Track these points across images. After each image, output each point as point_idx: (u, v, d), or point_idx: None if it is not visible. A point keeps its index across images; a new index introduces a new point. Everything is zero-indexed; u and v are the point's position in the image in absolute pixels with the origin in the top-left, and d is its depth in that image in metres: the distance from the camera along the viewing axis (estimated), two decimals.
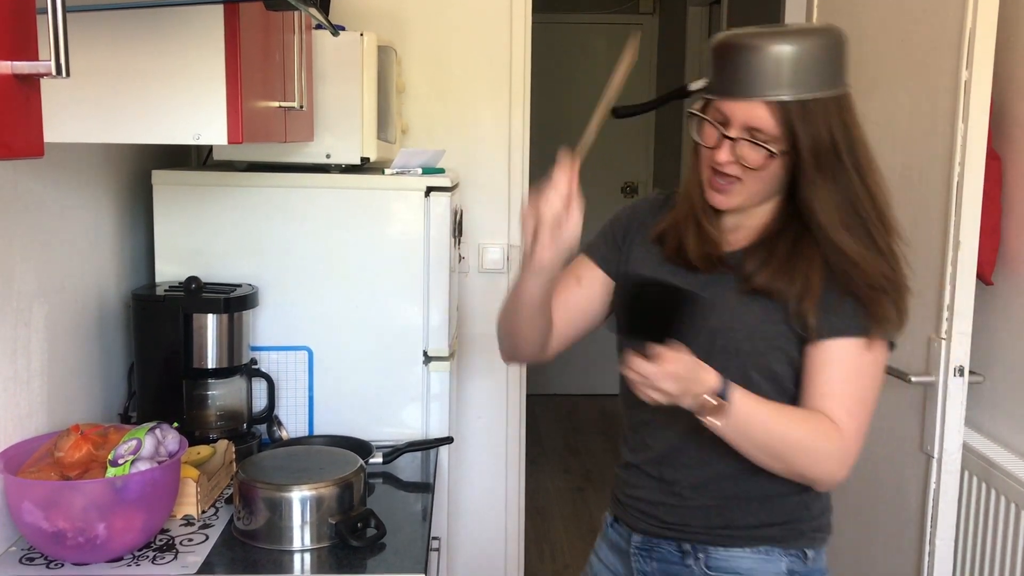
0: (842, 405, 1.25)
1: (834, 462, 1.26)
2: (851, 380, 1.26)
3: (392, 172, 2.06)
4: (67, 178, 1.77)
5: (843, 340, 1.27)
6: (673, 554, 1.38)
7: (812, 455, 1.25)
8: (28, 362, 1.59)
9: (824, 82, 1.26)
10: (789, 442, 1.25)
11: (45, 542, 1.42)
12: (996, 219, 1.99)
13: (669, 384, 1.18)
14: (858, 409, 1.26)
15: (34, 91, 0.67)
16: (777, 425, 1.25)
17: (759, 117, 1.25)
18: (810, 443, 1.25)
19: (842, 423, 1.25)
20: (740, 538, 1.35)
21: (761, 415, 1.24)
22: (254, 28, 1.41)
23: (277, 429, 2.01)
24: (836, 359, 1.27)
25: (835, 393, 1.26)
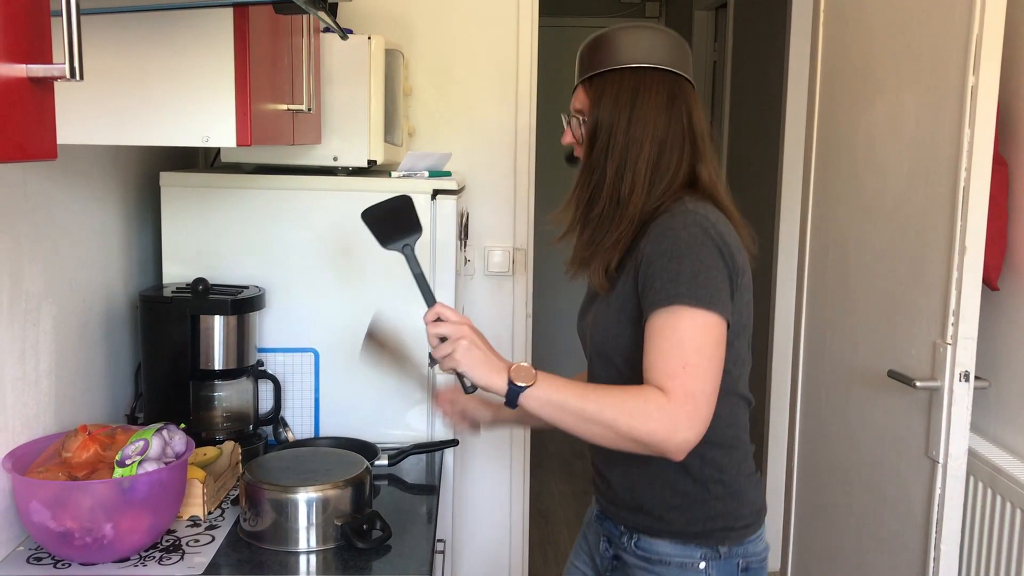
0: (663, 372, 1.30)
1: (658, 422, 1.28)
2: (667, 348, 1.31)
3: (399, 175, 2.07)
4: (76, 179, 1.77)
5: (655, 312, 1.33)
6: (615, 532, 1.55)
7: (633, 417, 1.29)
8: (36, 362, 1.60)
9: (621, 60, 1.44)
10: (602, 407, 1.30)
11: (52, 542, 1.42)
12: (1002, 225, 1.99)
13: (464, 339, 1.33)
14: (680, 371, 1.29)
15: (48, 94, 0.67)
16: (585, 395, 1.32)
17: (579, 98, 1.48)
18: (622, 407, 1.29)
19: (665, 387, 1.29)
20: (656, 530, 1.47)
21: (571, 386, 1.33)
22: (263, 31, 1.42)
23: (283, 431, 2.01)
24: (650, 333, 1.34)
25: (655, 364, 1.31)
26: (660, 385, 1.30)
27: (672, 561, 1.46)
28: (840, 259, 2.43)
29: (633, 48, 1.45)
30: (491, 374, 1.32)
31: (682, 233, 1.34)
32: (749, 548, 1.49)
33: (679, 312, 1.31)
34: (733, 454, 1.47)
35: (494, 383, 1.32)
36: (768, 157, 3.50)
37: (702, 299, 1.31)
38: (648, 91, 1.43)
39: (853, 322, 2.33)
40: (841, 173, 2.44)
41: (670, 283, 1.32)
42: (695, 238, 1.34)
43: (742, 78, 4.01)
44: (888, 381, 2.07)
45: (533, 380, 1.31)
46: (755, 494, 1.52)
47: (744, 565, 1.48)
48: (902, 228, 2.09)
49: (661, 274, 1.33)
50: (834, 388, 2.45)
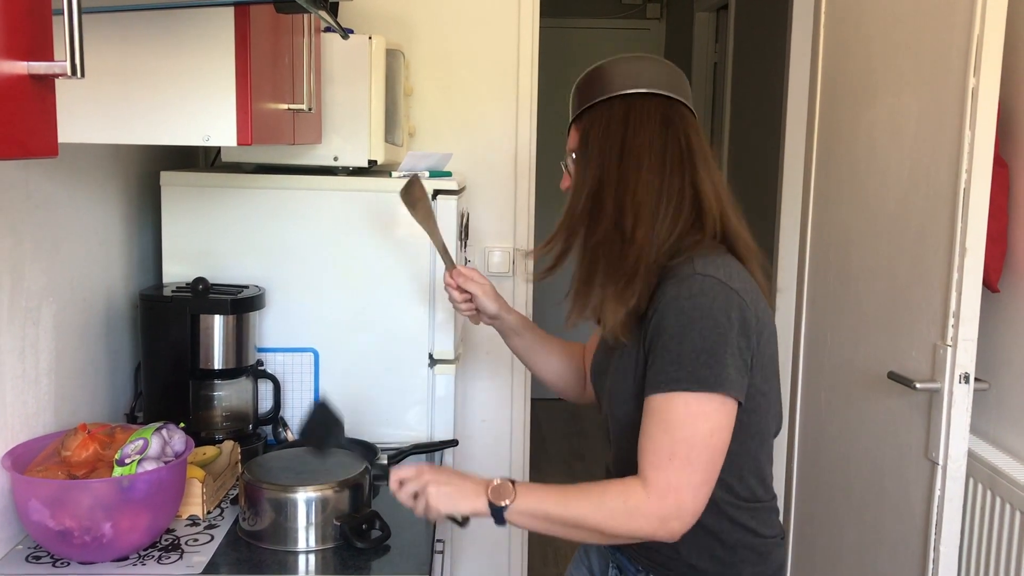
0: (649, 462, 1.26)
1: (644, 520, 1.25)
2: (657, 437, 1.26)
3: (399, 175, 2.07)
4: (77, 178, 1.77)
5: (651, 396, 1.28)
6: (628, 566, 1.47)
7: (616, 520, 1.26)
8: (36, 361, 1.60)
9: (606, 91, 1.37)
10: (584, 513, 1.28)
11: (51, 541, 1.42)
12: (1003, 226, 1.99)
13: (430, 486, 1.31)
14: (666, 463, 1.25)
15: (49, 91, 0.67)
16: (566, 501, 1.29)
17: (572, 139, 1.42)
18: (609, 510, 1.27)
19: (648, 479, 1.26)
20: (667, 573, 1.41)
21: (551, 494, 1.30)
22: (264, 30, 1.42)
23: (283, 430, 2.01)
24: (645, 414, 1.29)
25: (644, 450, 1.28)
26: (644, 475, 1.26)
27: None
28: (840, 260, 2.43)
29: (622, 76, 1.37)
30: (470, 504, 1.31)
31: (686, 304, 1.26)
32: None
33: (675, 399, 1.25)
34: (760, 515, 1.41)
35: (477, 509, 1.30)
36: (769, 158, 3.50)
37: (703, 381, 1.24)
38: (639, 115, 1.35)
39: (853, 323, 2.33)
40: (842, 174, 2.44)
41: (670, 365, 1.26)
42: (702, 309, 1.26)
43: (743, 79, 4.01)
44: (888, 382, 2.07)
45: (512, 495, 1.28)
46: (781, 556, 1.46)
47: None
48: (902, 229, 2.09)
49: (663, 354, 1.27)
50: (834, 389, 2.45)
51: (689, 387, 1.24)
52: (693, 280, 1.28)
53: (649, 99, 1.36)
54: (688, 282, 1.28)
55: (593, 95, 1.39)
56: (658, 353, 1.27)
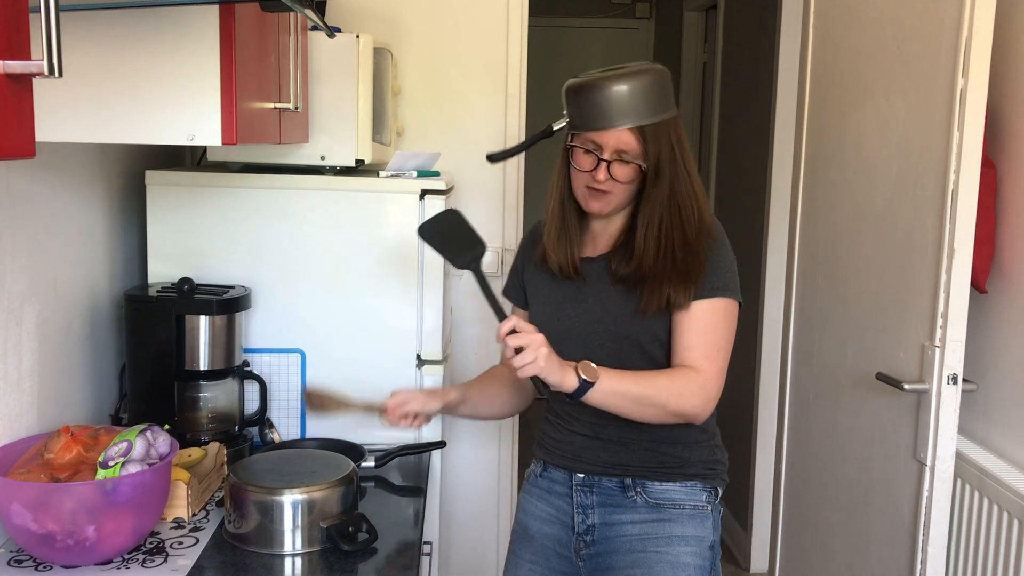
0: (702, 354, 1.55)
1: (698, 398, 1.55)
2: (705, 333, 1.55)
3: (387, 174, 2.06)
4: (60, 178, 1.76)
5: (697, 302, 1.55)
6: (614, 489, 1.63)
7: (682, 396, 1.53)
8: (19, 362, 1.58)
9: (661, 108, 1.56)
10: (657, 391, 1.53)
11: (34, 544, 1.41)
12: (990, 227, 1.99)
13: (544, 347, 1.44)
14: (713, 353, 1.56)
15: (26, 91, 0.66)
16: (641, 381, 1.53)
17: (626, 141, 1.55)
18: (674, 389, 1.53)
19: (701, 367, 1.55)
20: (672, 474, 1.62)
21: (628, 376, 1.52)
22: (249, 29, 1.40)
23: (269, 432, 2.00)
24: (691, 318, 1.56)
25: (694, 345, 1.56)
26: (697, 365, 1.54)
27: (684, 505, 1.62)
28: (829, 261, 2.43)
29: (664, 97, 1.57)
30: (566, 376, 1.46)
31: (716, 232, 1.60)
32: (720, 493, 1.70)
33: (718, 303, 1.56)
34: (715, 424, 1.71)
35: (568, 382, 1.47)
36: (758, 159, 3.50)
37: (734, 291, 1.58)
38: (683, 134, 1.61)
39: (841, 324, 2.33)
40: (830, 175, 2.44)
41: (710, 277, 1.56)
42: (724, 238, 1.60)
43: (732, 80, 4.01)
44: (876, 383, 2.07)
45: (598, 376, 1.48)
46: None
47: (719, 511, 1.68)
48: (891, 230, 2.09)
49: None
50: (822, 390, 2.45)
51: (727, 294, 1.57)
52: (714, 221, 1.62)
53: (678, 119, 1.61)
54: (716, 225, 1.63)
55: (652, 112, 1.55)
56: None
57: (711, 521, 1.64)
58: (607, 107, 1.54)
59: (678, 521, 1.61)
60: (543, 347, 1.44)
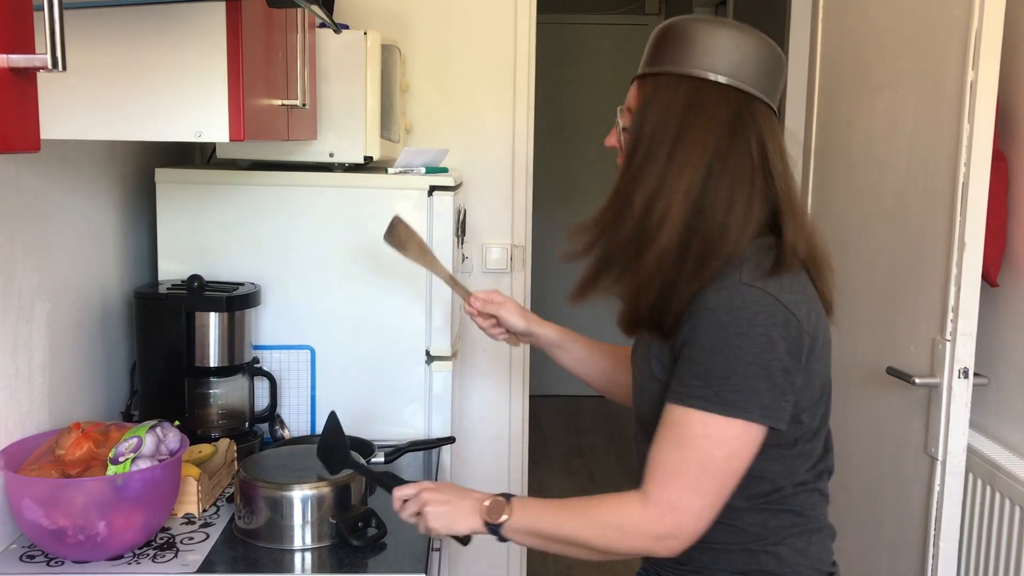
0: (654, 477, 1.19)
1: (638, 537, 1.19)
2: (667, 452, 1.18)
3: (395, 171, 2.06)
4: (70, 175, 1.77)
5: (670, 405, 1.19)
6: None
7: (607, 537, 1.21)
8: (30, 359, 1.59)
9: (682, 63, 1.20)
10: (577, 529, 1.23)
11: (45, 540, 1.42)
12: (1002, 220, 1.98)
13: (428, 505, 1.30)
14: (670, 481, 1.17)
15: (30, 85, 0.66)
16: (559, 518, 1.25)
17: (631, 96, 1.26)
18: (599, 526, 1.22)
19: (649, 494, 1.19)
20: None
21: (545, 510, 1.26)
22: (256, 25, 1.41)
23: (279, 428, 2.00)
24: (663, 421, 1.20)
25: (651, 463, 1.20)
26: (646, 489, 1.19)
27: None
28: (839, 255, 2.41)
29: (701, 51, 1.19)
30: (468, 523, 1.29)
31: (724, 317, 1.14)
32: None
33: (694, 416, 1.15)
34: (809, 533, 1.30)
35: (474, 528, 1.29)
36: None
37: (729, 405, 1.14)
38: (703, 108, 1.18)
39: (852, 319, 2.32)
40: (840, 169, 2.43)
41: (696, 379, 1.15)
42: (740, 325, 1.13)
43: None
44: (887, 378, 2.06)
45: (508, 512, 1.25)
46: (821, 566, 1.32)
47: None
48: (901, 224, 2.08)
49: (691, 365, 1.16)
50: (833, 385, 2.43)
51: (711, 408, 1.14)
52: (736, 289, 1.15)
53: (723, 90, 1.19)
54: (730, 291, 1.15)
55: (665, 59, 1.21)
56: (686, 362, 1.17)
57: None
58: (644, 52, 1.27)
59: None
60: (426, 505, 1.31)
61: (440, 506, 1.31)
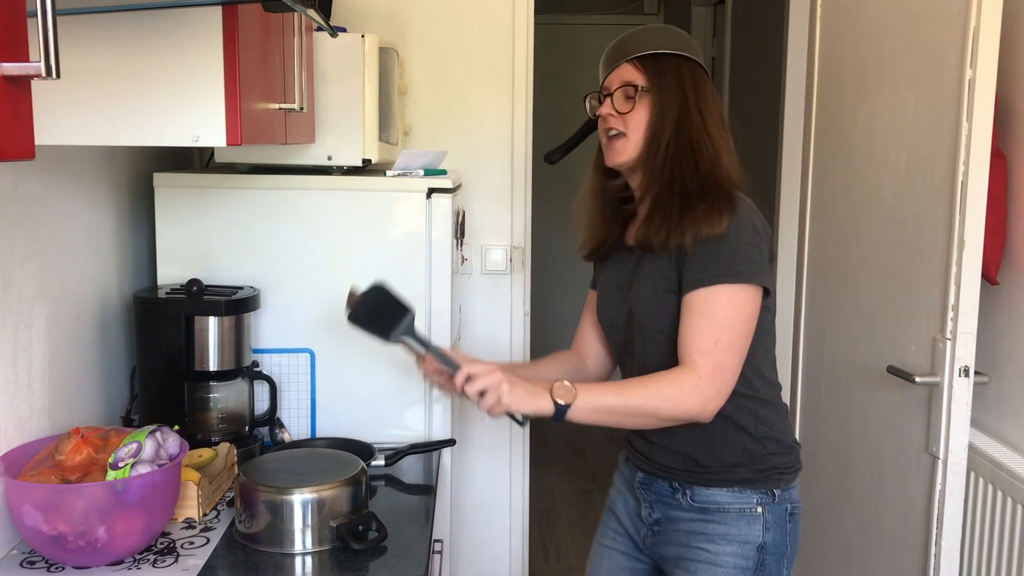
0: (696, 347, 1.47)
1: (692, 400, 1.47)
2: (702, 325, 1.47)
3: (394, 174, 2.06)
4: (68, 180, 1.76)
5: (693, 292, 1.48)
6: (666, 489, 1.63)
7: (671, 401, 1.47)
8: (29, 365, 1.59)
9: (672, 46, 1.58)
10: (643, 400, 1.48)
11: (45, 545, 1.41)
12: (1001, 218, 1.97)
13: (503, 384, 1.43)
14: (711, 347, 1.46)
15: (24, 93, 0.66)
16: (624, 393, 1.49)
17: (629, 74, 1.58)
18: (661, 395, 1.47)
19: (696, 363, 1.46)
20: (715, 480, 1.58)
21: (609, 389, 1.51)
22: (253, 30, 1.41)
23: (279, 432, 2.00)
24: (688, 309, 1.49)
25: (690, 339, 1.48)
26: (692, 360, 1.47)
27: (731, 509, 1.57)
28: (839, 254, 2.42)
29: (676, 40, 1.60)
30: (537, 403, 1.44)
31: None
32: (793, 494, 1.62)
33: (717, 292, 1.46)
34: (778, 410, 1.63)
35: (542, 409, 1.44)
36: (767, 152, 3.49)
37: (740, 274, 1.47)
38: (704, 79, 1.60)
39: (852, 317, 2.31)
40: (840, 168, 2.43)
41: (710, 263, 1.47)
42: (737, 216, 1.49)
43: (740, 73, 4.00)
44: (887, 377, 2.06)
45: (575, 395, 1.44)
46: (795, 441, 1.67)
47: (790, 511, 1.61)
48: (900, 223, 2.07)
49: (702, 255, 1.47)
50: (833, 384, 2.44)
51: (729, 279, 1.46)
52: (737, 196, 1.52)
53: (698, 67, 1.61)
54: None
55: (662, 46, 1.57)
56: (698, 256, 1.48)
57: (761, 523, 1.58)
58: (614, 52, 1.61)
59: (723, 522, 1.58)
60: (503, 384, 1.43)
61: (514, 387, 1.44)
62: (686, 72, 1.58)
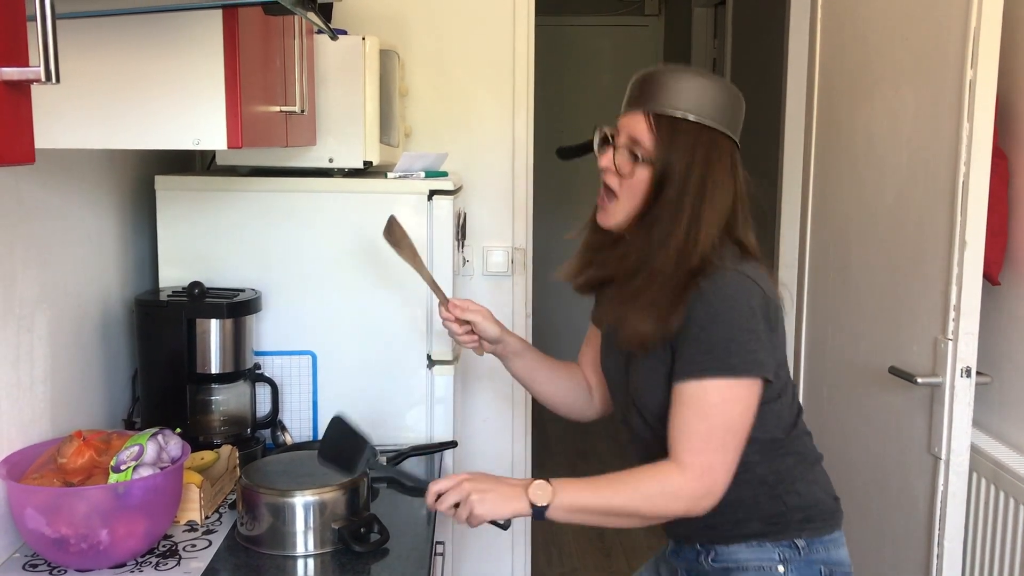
0: (685, 447, 1.36)
1: (680, 502, 1.36)
2: (693, 420, 1.36)
3: (395, 176, 2.06)
4: (70, 184, 1.77)
5: (684, 383, 1.36)
6: (691, 554, 1.54)
7: (654, 503, 1.37)
8: (31, 368, 1.59)
9: (701, 113, 1.39)
10: (624, 501, 1.38)
11: (48, 548, 1.42)
12: (1003, 218, 1.97)
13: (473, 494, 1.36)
14: (702, 446, 1.35)
15: (24, 98, 0.66)
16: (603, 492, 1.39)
17: (640, 130, 1.40)
18: (647, 496, 1.37)
19: (684, 462, 1.35)
20: (731, 537, 1.47)
21: (588, 487, 1.39)
22: (253, 33, 1.41)
23: (281, 434, 2.00)
24: (678, 402, 1.37)
25: (679, 436, 1.37)
26: (680, 459, 1.36)
27: (749, 566, 1.46)
28: (840, 255, 2.41)
29: (711, 104, 1.41)
30: (513, 507, 1.36)
31: (713, 296, 1.35)
32: (832, 553, 1.49)
33: (708, 386, 1.34)
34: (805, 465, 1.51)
35: (519, 512, 1.36)
36: (768, 153, 3.49)
37: (735, 368, 1.34)
38: (720, 156, 1.41)
39: (854, 318, 2.31)
40: (841, 168, 2.42)
41: (702, 354, 1.34)
42: (728, 300, 1.35)
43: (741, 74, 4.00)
44: (889, 377, 2.06)
45: (551, 495, 1.35)
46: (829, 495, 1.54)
47: (825, 572, 1.47)
48: (902, 223, 2.07)
49: (694, 343, 1.35)
50: (835, 385, 2.44)
51: (722, 373, 1.34)
52: (719, 275, 1.36)
53: (725, 139, 1.42)
54: (714, 276, 1.36)
55: (680, 106, 1.39)
56: (689, 343, 1.35)
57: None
58: (637, 87, 1.43)
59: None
60: (472, 495, 1.36)
61: (486, 494, 1.37)
62: (702, 146, 1.39)
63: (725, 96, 1.42)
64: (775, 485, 1.46)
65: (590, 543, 3.79)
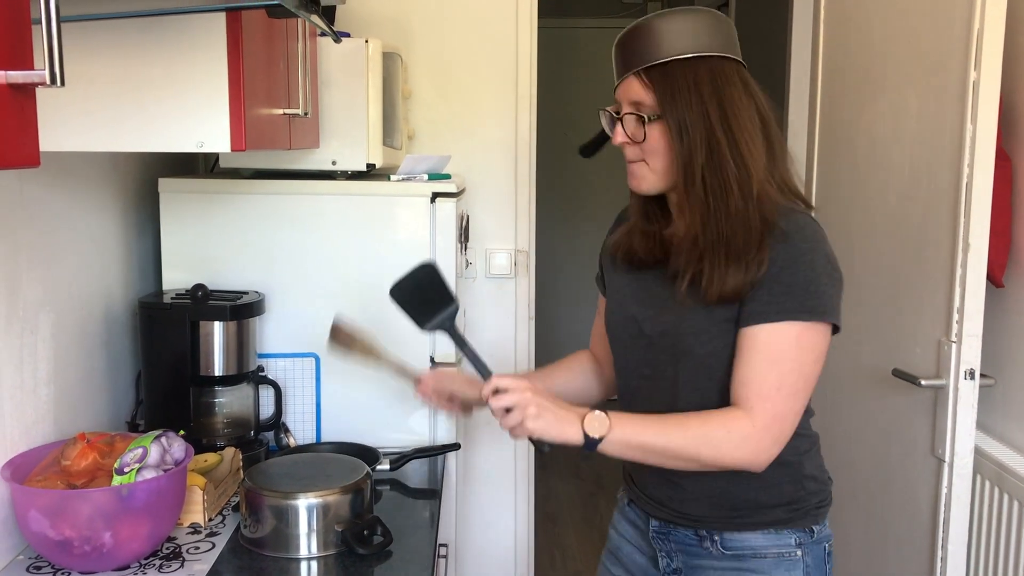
0: (756, 392, 1.29)
1: (742, 450, 1.29)
2: (765, 366, 1.29)
3: (398, 178, 2.06)
4: (73, 186, 1.77)
5: (756, 326, 1.29)
6: (690, 538, 1.45)
7: (719, 449, 1.30)
8: (35, 370, 1.59)
9: (687, 48, 1.31)
10: (685, 441, 1.30)
11: (51, 551, 1.42)
12: (1006, 221, 1.97)
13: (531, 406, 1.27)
14: (773, 393, 1.28)
15: (29, 100, 0.67)
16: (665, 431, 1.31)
17: (635, 90, 1.34)
18: (711, 440, 1.29)
19: (754, 409, 1.29)
20: (748, 523, 1.41)
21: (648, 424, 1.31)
22: (257, 36, 1.41)
23: (284, 436, 2.01)
24: (750, 346, 1.30)
25: (749, 381, 1.30)
26: (750, 405, 1.29)
27: (768, 553, 1.40)
28: (843, 257, 2.39)
29: (692, 35, 1.32)
30: (565, 432, 1.28)
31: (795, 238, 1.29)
32: (826, 530, 1.47)
33: (785, 330, 1.28)
34: (812, 439, 1.48)
35: (570, 439, 1.28)
36: None
37: (813, 311, 1.29)
38: (728, 80, 1.32)
39: (857, 320, 2.31)
40: (844, 171, 2.42)
41: (780, 296, 1.28)
42: (808, 242, 1.30)
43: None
44: (893, 380, 2.06)
45: (608, 428, 1.28)
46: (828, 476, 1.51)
47: (828, 550, 1.46)
48: (905, 225, 2.07)
49: (772, 285, 1.28)
50: (839, 387, 2.44)
51: (799, 317, 1.28)
52: (796, 216, 1.32)
53: (726, 62, 1.34)
54: (791, 217, 1.31)
55: (664, 51, 1.32)
56: (765, 285, 1.28)
57: (802, 568, 1.41)
58: (618, 57, 1.38)
59: (759, 570, 1.40)
60: (530, 406, 1.27)
61: (543, 409, 1.28)
62: (704, 78, 1.31)
63: (706, 21, 1.34)
64: (794, 467, 1.41)
65: (593, 545, 3.78)
